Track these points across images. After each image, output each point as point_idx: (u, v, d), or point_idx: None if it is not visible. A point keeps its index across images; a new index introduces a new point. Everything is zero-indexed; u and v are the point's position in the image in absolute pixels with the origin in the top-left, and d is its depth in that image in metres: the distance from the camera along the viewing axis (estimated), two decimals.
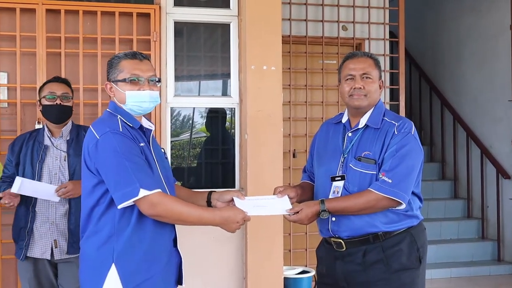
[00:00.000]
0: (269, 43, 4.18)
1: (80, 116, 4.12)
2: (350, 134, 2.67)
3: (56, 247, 3.35)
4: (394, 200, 2.50)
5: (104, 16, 4.20)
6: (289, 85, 5.36)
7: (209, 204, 2.73)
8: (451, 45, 7.31)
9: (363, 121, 2.65)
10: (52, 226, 3.36)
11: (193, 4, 4.39)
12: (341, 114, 2.78)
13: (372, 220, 2.56)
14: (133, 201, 2.28)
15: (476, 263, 6.20)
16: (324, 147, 2.78)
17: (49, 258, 3.37)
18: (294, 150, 5.38)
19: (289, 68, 5.35)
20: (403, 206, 2.54)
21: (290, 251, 5.20)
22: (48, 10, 4.08)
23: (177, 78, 4.33)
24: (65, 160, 3.40)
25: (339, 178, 2.62)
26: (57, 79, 3.57)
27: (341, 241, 2.62)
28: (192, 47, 4.50)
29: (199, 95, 4.47)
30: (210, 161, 4.56)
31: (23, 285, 3.52)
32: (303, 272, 4.75)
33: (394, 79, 6.26)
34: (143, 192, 2.26)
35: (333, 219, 2.61)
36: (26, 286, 3.45)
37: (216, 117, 4.51)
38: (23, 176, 3.36)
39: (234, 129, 4.37)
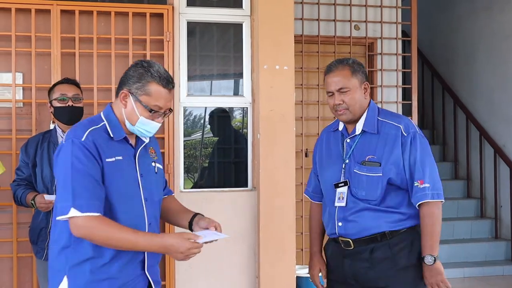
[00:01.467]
0: (281, 42, 4.19)
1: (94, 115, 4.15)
2: (348, 141, 2.70)
3: None
4: (440, 201, 2.59)
5: (118, 17, 4.23)
6: (302, 85, 5.36)
7: (190, 225, 2.57)
8: (464, 44, 7.28)
9: (359, 127, 2.68)
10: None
11: (205, 4, 4.41)
12: (337, 122, 2.81)
13: (378, 222, 2.61)
14: (66, 218, 2.20)
15: (489, 263, 6.17)
16: (325, 154, 2.81)
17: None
18: (307, 149, 5.39)
19: (302, 68, 5.35)
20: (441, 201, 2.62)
21: (302, 250, 5.21)
22: (62, 11, 4.12)
23: (190, 78, 4.36)
24: None
25: (342, 184, 2.66)
26: (67, 81, 3.58)
27: (349, 240, 2.67)
28: (205, 47, 4.52)
29: (211, 94, 4.50)
30: (222, 160, 4.57)
31: (42, 284, 3.54)
32: None
33: (406, 79, 6.25)
34: (73, 212, 2.17)
35: (340, 224, 2.66)
36: (45, 286, 3.40)
37: (227, 117, 4.53)
38: (41, 178, 3.41)
39: (246, 128, 4.39)
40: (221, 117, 4.53)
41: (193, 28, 4.40)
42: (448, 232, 6.38)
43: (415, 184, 2.57)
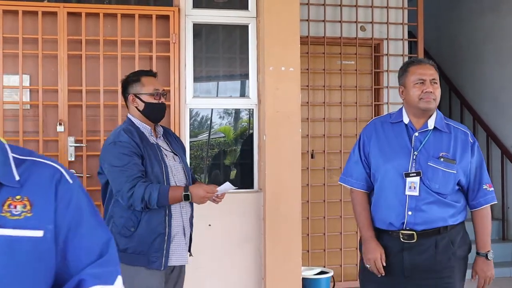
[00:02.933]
0: (287, 44, 4.20)
1: (100, 117, 4.17)
2: (417, 134, 2.79)
3: (189, 251, 3.07)
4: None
5: (124, 19, 4.25)
6: (307, 86, 5.36)
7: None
8: (470, 45, 7.25)
9: (431, 123, 2.80)
10: (183, 229, 3.00)
11: (211, 6, 4.43)
12: (396, 115, 2.88)
13: (444, 215, 2.75)
14: None
15: (496, 264, 5.97)
16: (387, 144, 2.84)
17: (186, 262, 3.06)
18: (313, 150, 5.38)
19: (307, 69, 5.35)
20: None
21: (308, 251, 5.20)
22: (69, 13, 4.15)
23: (196, 79, 4.37)
24: (175, 160, 3.02)
25: (414, 174, 2.73)
26: (155, 74, 3.14)
27: (414, 233, 2.74)
28: (211, 49, 4.54)
29: (219, 96, 4.50)
30: (228, 161, 4.58)
31: None
32: (321, 272, 4.77)
33: None
34: None
35: (409, 212, 2.73)
36: None
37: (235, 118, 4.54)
38: (152, 175, 2.88)
39: (252, 129, 4.40)
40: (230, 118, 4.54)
41: (199, 29, 4.41)
42: None
43: (484, 187, 2.80)
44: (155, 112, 3.02)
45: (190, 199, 2.85)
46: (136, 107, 3.00)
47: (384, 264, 2.78)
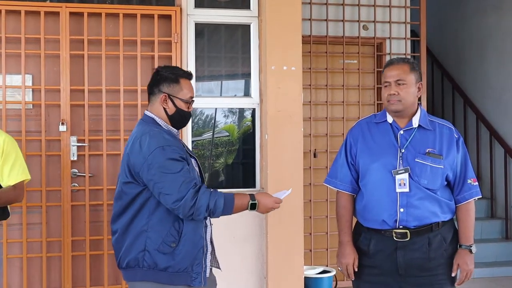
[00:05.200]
0: (289, 43, 4.20)
1: (103, 117, 4.18)
2: (402, 132, 2.83)
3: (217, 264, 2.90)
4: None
5: (126, 18, 4.25)
6: (310, 85, 5.36)
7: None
8: (473, 43, 7.24)
9: (415, 121, 2.84)
10: (211, 239, 2.84)
11: (213, 5, 4.43)
12: (380, 115, 2.92)
13: (435, 210, 2.78)
14: None
15: (500, 263, 6.12)
16: (373, 144, 2.87)
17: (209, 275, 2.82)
18: (315, 150, 5.38)
19: (310, 68, 5.35)
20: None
21: (311, 251, 5.21)
22: (71, 13, 4.16)
23: (198, 78, 4.37)
24: (193, 164, 2.78)
25: (403, 171, 2.76)
26: (192, 77, 2.87)
27: (407, 231, 2.77)
28: (213, 48, 4.54)
29: (220, 95, 4.51)
30: (231, 161, 4.58)
31: None
32: (323, 272, 4.77)
33: None
34: None
35: (401, 210, 2.75)
36: None
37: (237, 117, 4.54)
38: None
39: (254, 129, 4.40)
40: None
41: (201, 29, 4.41)
42: None
43: (468, 182, 2.83)
44: (183, 120, 2.80)
45: (256, 208, 2.65)
46: (165, 108, 2.73)
47: (356, 270, 2.86)
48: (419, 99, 2.98)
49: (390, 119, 2.87)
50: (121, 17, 4.21)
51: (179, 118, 2.76)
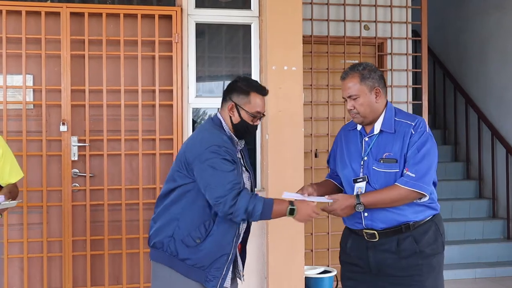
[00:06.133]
0: (290, 43, 4.20)
1: (103, 117, 4.18)
2: (366, 139, 2.86)
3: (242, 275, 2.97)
4: (419, 192, 2.71)
5: (127, 19, 4.26)
6: (311, 85, 5.35)
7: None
8: (475, 43, 7.23)
9: (377, 127, 2.83)
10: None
11: (214, 5, 4.43)
12: (351, 122, 2.98)
13: (403, 212, 2.75)
14: None
15: (501, 263, 6.12)
16: (345, 151, 2.94)
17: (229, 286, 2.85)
18: (316, 150, 5.38)
19: (311, 68, 5.34)
20: (427, 198, 2.76)
21: (312, 251, 5.20)
22: (72, 13, 4.16)
23: (199, 79, 4.37)
24: (244, 175, 2.88)
25: (361, 179, 2.81)
26: (266, 93, 2.92)
27: (375, 232, 2.79)
28: (213, 48, 4.54)
29: (222, 95, 4.50)
30: None
31: None
32: (324, 272, 4.76)
33: (418, 78, 6.22)
34: None
35: (366, 214, 2.78)
36: None
37: None
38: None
39: None
40: None
41: (201, 29, 4.41)
42: (459, 232, 6.34)
43: (404, 171, 2.72)
44: (245, 132, 2.87)
45: (294, 215, 2.69)
46: (231, 116, 2.84)
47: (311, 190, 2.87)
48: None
49: (359, 126, 2.91)
50: (122, 17, 4.21)
51: (242, 129, 2.85)
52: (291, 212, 2.69)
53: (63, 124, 4.11)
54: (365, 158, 2.81)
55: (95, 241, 4.20)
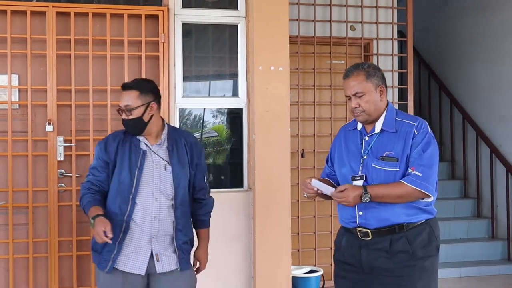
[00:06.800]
0: (276, 43, 4.21)
1: (90, 117, 4.17)
2: (367, 138, 2.86)
3: (158, 261, 2.96)
4: (423, 192, 2.73)
5: (113, 18, 4.24)
6: (297, 85, 5.37)
7: None
8: (460, 44, 7.29)
9: (378, 126, 2.84)
10: (153, 240, 2.96)
11: (201, 5, 4.43)
12: (355, 121, 2.96)
13: (397, 212, 2.75)
14: None
15: (486, 262, 6.17)
16: (344, 150, 2.95)
17: (143, 273, 2.95)
18: (303, 150, 5.40)
19: (297, 68, 5.36)
20: (431, 199, 2.78)
21: (298, 250, 5.22)
22: (58, 13, 4.14)
23: (186, 79, 4.37)
24: (165, 170, 2.98)
25: (359, 178, 2.80)
26: (123, 86, 3.07)
27: (368, 231, 2.79)
28: (200, 48, 4.54)
29: (209, 95, 4.51)
30: (218, 161, 4.59)
31: None
32: (311, 271, 4.79)
33: (403, 79, 6.26)
34: None
35: (360, 213, 2.79)
36: None
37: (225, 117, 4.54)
38: (118, 183, 2.95)
39: (242, 129, 4.40)
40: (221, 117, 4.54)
41: (188, 29, 4.41)
42: (444, 232, 6.36)
43: (409, 170, 2.73)
44: (125, 127, 3.01)
45: (91, 226, 2.84)
46: None
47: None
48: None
49: (359, 126, 2.91)
50: (108, 17, 4.20)
51: (123, 125, 3.03)
52: (92, 223, 2.82)
53: (49, 124, 4.09)
54: (365, 157, 2.81)
55: (82, 241, 4.18)
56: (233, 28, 4.43)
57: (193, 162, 3.07)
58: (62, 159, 4.16)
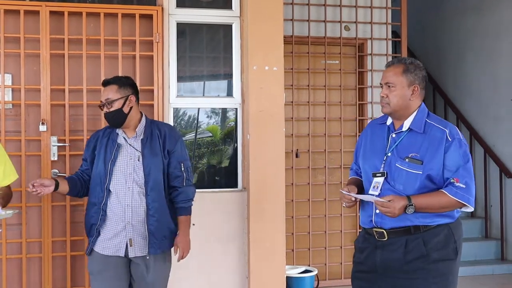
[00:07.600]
0: (271, 43, 4.21)
1: (83, 117, 4.15)
2: (394, 135, 2.83)
3: (131, 246, 3.20)
4: (465, 204, 2.69)
5: (107, 18, 4.23)
6: (292, 85, 5.37)
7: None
8: (454, 44, 7.31)
9: (406, 124, 2.81)
10: (128, 226, 3.20)
11: (195, 5, 4.43)
12: (383, 116, 2.95)
13: (412, 215, 2.69)
14: None
15: (479, 262, 6.19)
16: (369, 145, 2.93)
17: (122, 255, 3.21)
18: (297, 150, 5.40)
19: (292, 68, 5.36)
20: (470, 209, 2.72)
21: (293, 250, 5.22)
22: (51, 12, 4.12)
23: (180, 78, 4.36)
24: (138, 160, 3.23)
25: (380, 174, 2.78)
26: (103, 83, 3.35)
27: (384, 231, 2.77)
28: (195, 48, 4.53)
29: (203, 95, 4.50)
30: (213, 161, 4.58)
31: (90, 279, 3.40)
32: (305, 271, 4.79)
33: None
34: None
35: (377, 211, 2.76)
36: (93, 280, 3.32)
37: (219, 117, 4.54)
38: (96, 174, 3.26)
39: (236, 129, 4.40)
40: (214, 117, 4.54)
41: (182, 29, 4.40)
42: None
43: (451, 180, 2.68)
44: (107, 120, 3.29)
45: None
46: None
47: (349, 191, 2.81)
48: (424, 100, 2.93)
49: (389, 121, 2.89)
50: (102, 16, 4.18)
51: (106, 119, 3.31)
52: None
53: (43, 124, 4.07)
54: (389, 154, 2.79)
55: (75, 241, 4.16)
56: (228, 28, 4.42)
57: (165, 150, 3.28)
58: (55, 159, 4.14)
